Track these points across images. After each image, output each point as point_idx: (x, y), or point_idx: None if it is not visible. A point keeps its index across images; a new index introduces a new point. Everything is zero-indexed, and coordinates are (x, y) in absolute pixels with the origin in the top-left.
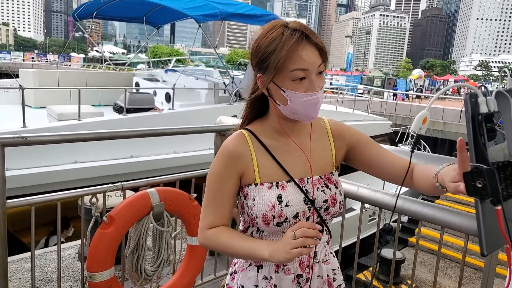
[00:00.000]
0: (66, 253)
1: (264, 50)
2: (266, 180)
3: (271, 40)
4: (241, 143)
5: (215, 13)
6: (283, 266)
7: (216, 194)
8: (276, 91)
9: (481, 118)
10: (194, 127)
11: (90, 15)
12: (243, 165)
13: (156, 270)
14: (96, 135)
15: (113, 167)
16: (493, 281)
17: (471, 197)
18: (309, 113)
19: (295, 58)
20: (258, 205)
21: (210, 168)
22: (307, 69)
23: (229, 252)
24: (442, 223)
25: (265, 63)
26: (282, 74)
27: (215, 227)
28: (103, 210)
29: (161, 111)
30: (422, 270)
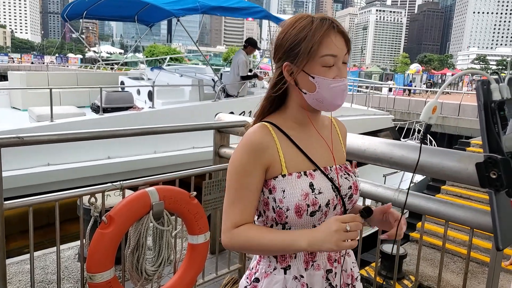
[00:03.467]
0: (66, 254)
1: (294, 38)
2: (293, 170)
3: (300, 28)
4: (266, 135)
5: (195, 7)
6: (313, 262)
7: (242, 190)
8: (303, 79)
9: (495, 106)
10: (193, 125)
11: (79, 15)
12: (269, 156)
13: (157, 270)
14: (92, 134)
15: (88, 169)
16: (499, 275)
17: (484, 188)
18: (336, 100)
19: (328, 43)
20: (290, 196)
21: (233, 162)
22: (337, 56)
23: (260, 248)
24: (447, 217)
25: (295, 50)
26: (313, 60)
27: (240, 226)
28: (102, 210)
29: (140, 109)
30: (425, 265)
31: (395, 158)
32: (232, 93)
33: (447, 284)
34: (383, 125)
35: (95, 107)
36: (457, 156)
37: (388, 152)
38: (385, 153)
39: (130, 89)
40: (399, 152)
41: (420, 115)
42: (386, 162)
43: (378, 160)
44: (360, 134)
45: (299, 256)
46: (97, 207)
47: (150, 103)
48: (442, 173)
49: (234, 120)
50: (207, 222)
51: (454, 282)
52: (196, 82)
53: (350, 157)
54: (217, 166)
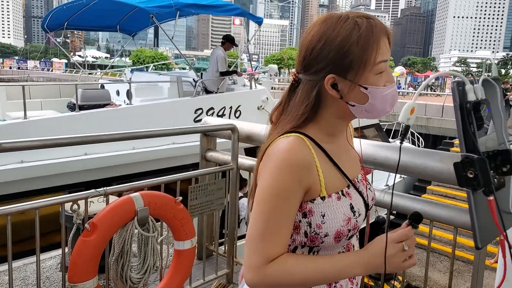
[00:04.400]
0: (48, 263)
1: (340, 46)
2: (331, 190)
3: (346, 32)
4: (306, 151)
5: (169, 4)
6: (335, 284)
7: (280, 217)
8: (354, 91)
9: (470, 107)
10: (179, 128)
11: (60, 25)
12: (311, 177)
13: (142, 277)
14: (74, 139)
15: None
16: (483, 273)
17: (462, 187)
18: (386, 107)
19: (382, 49)
20: (330, 222)
21: (270, 182)
22: (387, 60)
23: (303, 284)
24: (431, 217)
25: (344, 60)
26: (365, 69)
27: (274, 259)
28: (85, 217)
29: (118, 106)
30: None
31: (379, 159)
32: (212, 89)
33: (435, 284)
34: (368, 121)
35: (71, 105)
36: (439, 156)
37: (372, 153)
38: (369, 154)
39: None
40: (383, 153)
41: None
42: (370, 163)
43: (363, 161)
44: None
45: None
46: (80, 214)
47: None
48: (425, 173)
49: (221, 123)
50: (193, 228)
51: (441, 281)
52: (175, 79)
53: None
54: (203, 170)
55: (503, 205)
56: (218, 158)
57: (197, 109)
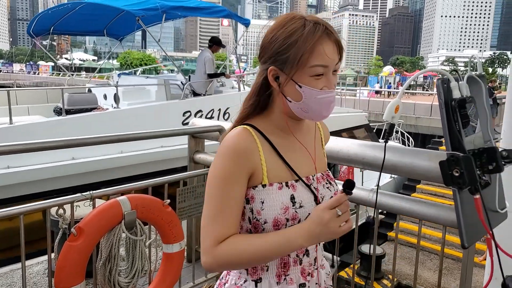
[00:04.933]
0: (35, 269)
1: (283, 42)
2: (274, 180)
3: (291, 31)
4: (249, 139)
5: (155, 7)
6: (285, 276)
7: (226, 200)
8: (290, 87)
9: (455, 104)
10: (167, 130)
11: (46, 30)
12: (253, 164)
13: (131, 281)
14: (58, 143)
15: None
16: (472, 270)
17: (448, 186)
18: (323, 112)
19: (319, 53)
20: (269, 208)
21: (215, 169)
22: (327, 66)
23: (253, 259)
24: (420, 216)
25: (283, 56)
26: (300, 69)
27: (224, 240)
28: (71, 222)
29: (104, 110)
30: (403, 264)
31: (368, 159)
32: (200, 92)
33: (425, 282)
34: (358, 122)
35: (58, 110)
36: (428, 155)
37: (361, 153)
38: (358, 154)
39: (97, 95)
40: (372, 152)
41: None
42: (359, 163)
43: (352, 161)
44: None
45: (272, 269)
46: (66, 218)
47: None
48: (414, 172)
49: (209, 124)
50: (182, 230)
51: (432, 279)
52: (162, 82)
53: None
54: (191, 173)
55: (490, 204)
56: (206, 160)
57: (185, 112)
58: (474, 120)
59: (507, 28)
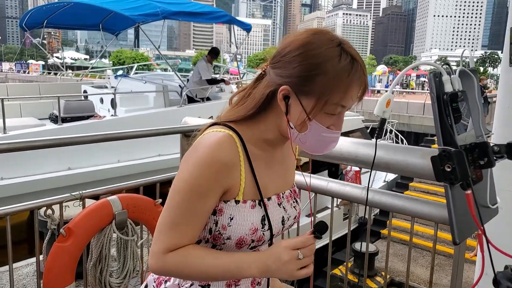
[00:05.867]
0: (24, 271)
1: (310, 67)
2: (248, 197)
3: (325, 57)
4: (233, 151)
5: (156, 12)
6: (235, 286)
7: (190, 213)
8: (298, 113)
9: (447, 98)
10: (157, 129)
11: (40, 24)
12: (232, 179)
13: (122, 282)
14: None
15: (47, 181)
16: (463, 266)
17: (440, 182)
18: (320, 149)
19: (345, 94)
20: (237, 226)
21: (188, 175)
22: (346, 107)
23: (200, 275)
24: (412, 213)
25: (306, 85)
26: (321, 104)
27: (176, 249)
28: (61, 222)
29: (102, 118)
30: (395, 261)
31: (361, 157)
32: (198, 98)
33: (417, 278)
34: (354, 126)
35: (54, 117)
36: (420, 152)
37: (354, 151)
38: (351, 152)
39: (92, 98)
40: (364, 150)
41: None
42: (352, 161)
43: (344, 159)
44: None
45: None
46: (54, 219)
47: (113, 111)
48: (407, 170)
49: (202, 123)
50: None
51: (424, 276)
52: (161, 88)
53: (317, 157)
54: None
55: (481, 199)
56: None
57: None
58: (466, 118)
59: (498, 28)
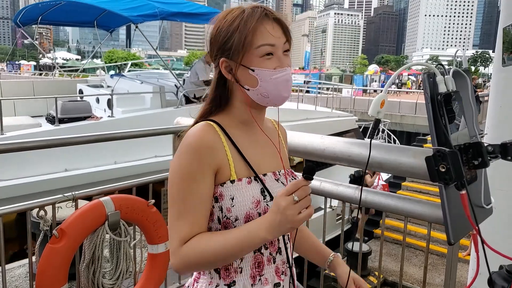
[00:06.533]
0: (17, 272)
1: (226, 31)
2: (242, 175)
3: (232, 19)
4: (212, 134)
5: (154, 13)
6: (260, 277)
7: (190, 199)
8: (244, 73)
9: (441, 98)
10: (150, 129)
11: (34, 20)
12: (218, 160)
13: (115, 283)
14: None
15: (42, 183)
16: (456, 266)
17: (434, 182)
18: (282, 92)
19: (262, 32)
20: (239, 204)
21: (175, 168)
22: (274, 44)
23: (217, 257)
24: (405, 213)
25: (228, 44)
26: (248, 52)
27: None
28: (53, 223)
29: (99, 119)
30: (389, 261)
31: (353, 156)
32: (193, 98)
33: (410, 278)
34: (348, 126)
35: (51, 118)
36: (413, 152)
37: (347, 151)
38: (344, 151)
39: (88, 98)
40: (357, 150)
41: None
42: (345, 161)
43: (337, 159)
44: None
45: (245, 271)
46: (47, 220)
47: (109, 111)
48: (399, 170)
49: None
50: (167, 231)
51: (417, 275)
52: (158, 89)
53: (311, 157)
54: None
55: (475, 199)
56: None
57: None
58: (458, 117)
59: (488, 27)
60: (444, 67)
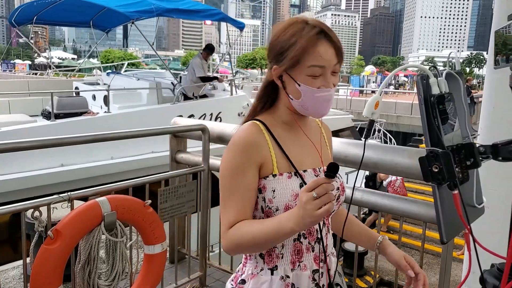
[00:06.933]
0: (10, 274)
1: (283, 44)
2: (283, 170)
3: (291, 34)
4: (257, 133)
5: (150, 9)
6: (299, 263)
7: (236, 190)
8: (291, 85)
9: (434, 100)
10: (148, 130)
11: (29, 20)
12: (262, 155)
13: (111, 284)
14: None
15: (38, 178)
16: (451, 265)
17: (428, 182)
18: (320, 110)
19: (315, 54)
20: (280, 196)
21: (224, 162)
22: (324, 66)
23: (252, 243)
24: (400, 213)
25: (283, 55)
26: (299, 69)
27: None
28: (48, 224)
29: (95, 114)
30: (385, 260)
31: (350, 157)
32: (190, 95)
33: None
34: (344, 124)
35: (47, 114)
36: (408, 152)
37: (343, 151)
38: (341, 152)
39: (85, 95)
40: (354, 150)
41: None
42: (341, 161)
43: (334, 159)
44: None
45: (286, 257)
46: (42, 221)
47: (106, 108)
48: (395, 170)
49: (191, 124)
50: (163, 231)
51: None
52: (154, 85)
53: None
54: (173, 172)
55: (468, 199)
56: (189, 159)
57: (177, 116)
58: (453, 118)
59: (483, 29)
60: (437, 69)
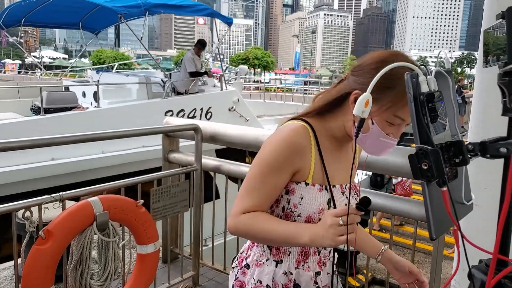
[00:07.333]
0: (2, 275)
1: (384, 80)
2: (317, 181)
3: (396, 77)
4: (306, 138)
5: (138, 4)
6: (304, 263)
7: (266, 184)
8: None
9: (423, 98)
10: (140, 129)
11: (18, 22)
12: (302, 162)
13: (103, 284)
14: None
15: (29, 171)
16: (442, 263)
17: (417, 179)
18: (376, 151)
19: (405, 108)
20: (306, 205)
21: (267, 153)
22: (405, 121)
23: (262, 237)
24: (392, 211)
25: (375, 91)
26: (383, 112)
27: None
28: (40, 224)
29: (85, 109)
30: None
31: None
32: (182, 91)
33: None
34: None
35: (36, 108)
36: (400, 152)
37: None
38: None
39: (74, 91)
40: None
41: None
42: None
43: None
44: None
45: (293, 254)
46: (33, 221)
47: (96, 104)
48: (387, 169)
49: (183, 123)
50: (156, 231)
51: None
52: (144, 80)
53: None
54: (165, 172)
55: (456, 196)
56: (181, 159)
57: (167, 111)
58: (444, 118)
59: (474, 30)
60: (427, 68)
